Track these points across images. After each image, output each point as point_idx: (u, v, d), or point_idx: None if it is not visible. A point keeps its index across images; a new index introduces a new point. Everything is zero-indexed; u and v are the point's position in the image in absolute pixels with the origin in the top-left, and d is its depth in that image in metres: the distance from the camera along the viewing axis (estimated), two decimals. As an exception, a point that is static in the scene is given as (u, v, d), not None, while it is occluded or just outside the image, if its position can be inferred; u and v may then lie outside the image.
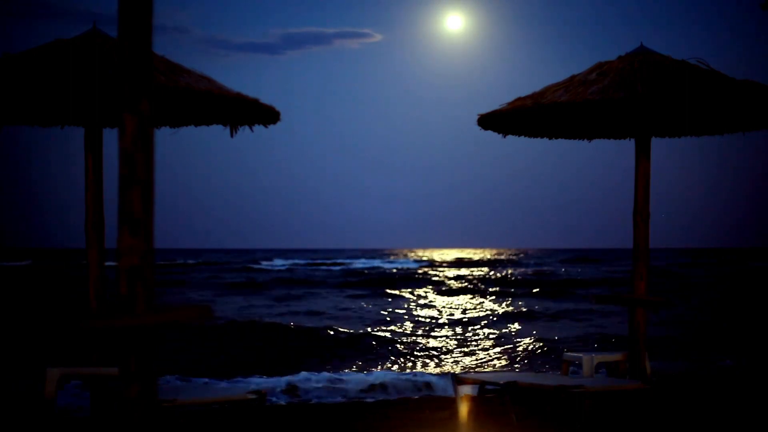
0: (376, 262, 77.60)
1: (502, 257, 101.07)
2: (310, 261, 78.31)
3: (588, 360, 7.49)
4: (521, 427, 7.21)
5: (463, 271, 59.92)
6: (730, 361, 14.46)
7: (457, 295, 35.34)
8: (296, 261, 77.55)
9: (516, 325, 22.39)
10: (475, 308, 28.10)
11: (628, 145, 8.07)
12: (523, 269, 63.63)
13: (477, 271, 59.55)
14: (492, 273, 56.68)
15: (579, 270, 61.17)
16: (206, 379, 11.64)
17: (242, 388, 6.61)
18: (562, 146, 8.46)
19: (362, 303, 29.84)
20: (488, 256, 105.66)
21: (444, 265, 76.01)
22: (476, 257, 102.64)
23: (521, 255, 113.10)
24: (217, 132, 7.42)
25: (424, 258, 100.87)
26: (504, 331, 21.21)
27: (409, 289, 38.41)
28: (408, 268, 65.48)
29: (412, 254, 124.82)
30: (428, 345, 18.43)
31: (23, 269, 52.12)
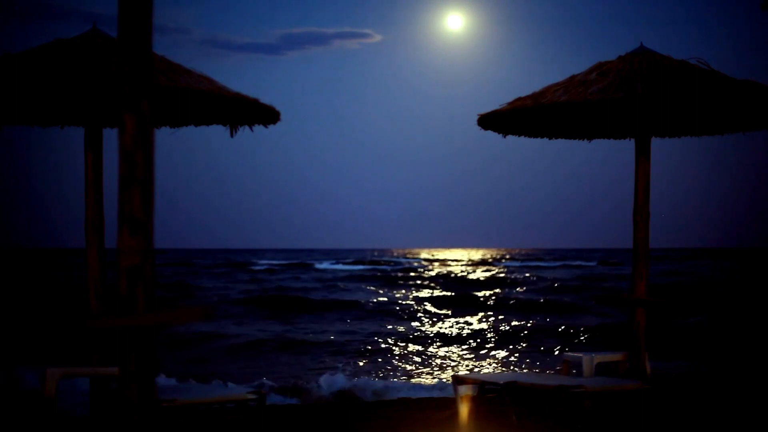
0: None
1: (502, 257, 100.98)
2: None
3: (588, 360, 7.48)
4: (521, 427, 7.21)
5: (463, 271, 59.87)
6: (731, 361, 14.45)
7: (457, 294, 35.31)
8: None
9: (516, 325, 22.37)
10: (474, 308, 28.08)
11: (628, 145, 8.06)
12: (522, 269, 63.59)
13: (476, 271, 59.52)
14: (492, 273, 56.65)
15: (580, 270, 61.14)
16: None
17: (242, 388, 6.60)
18: (563, 146, 8.46)
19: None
20: (487, 256, 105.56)
21: (445, 264, 75.94)
22: (476, 257, 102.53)
23: (522, 254, 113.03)
24: (217, 132, 7.42)
25: (428, 258, 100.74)
26: (504, 331, 21.20)
27: (409, 289, 38.39)
28: (409, 268, 65.44)
29: (410, 254, 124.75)
30: (428, 345, 18.42)
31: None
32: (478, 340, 19.40)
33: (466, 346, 18.35)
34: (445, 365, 15.78)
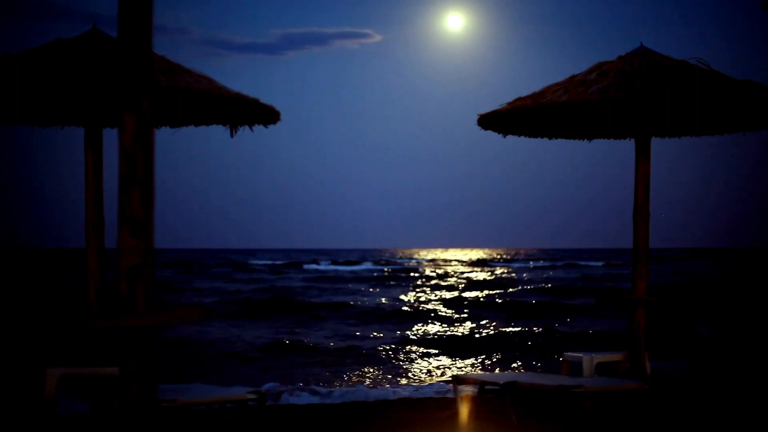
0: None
1: (502, 257, 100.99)
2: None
3: (588, 360, 7.49)
4: (521, 427, 7.21)
5: (463, 271, 59.88)
6: (731, 361, 14.45)
7: (457, 295, 35.31)
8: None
9: (516, 325, 22.37)
10: (474, 308, 28.07)
11: (628, 145, 8.07)
12: (523, 269, 63.61)
13: (476, 272, 59.52)
14: (491, 273, 56.66)
15: (583, 270, 61.13)
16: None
17: (242, 388, 6.60)
18: (563, 146, 8.47)
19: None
20: (488, 256, 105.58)
21: (442, 264, 75.96)
22: (476, 257, 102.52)
23: (523, 254, 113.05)
24: (217, 132, 7.42)
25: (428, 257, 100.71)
26: (504, 331, 21.20)
27: (408, 289, 38.41)
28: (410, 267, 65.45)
29: (416, 255, 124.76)
30: (428, 346, 18.42)
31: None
32: (478, 340, 19.40)
33: (466, 346, 18.34)
34: (445, 365, 15.78)
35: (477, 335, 20.46)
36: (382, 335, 20.23)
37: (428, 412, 8.93)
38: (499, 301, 31.28)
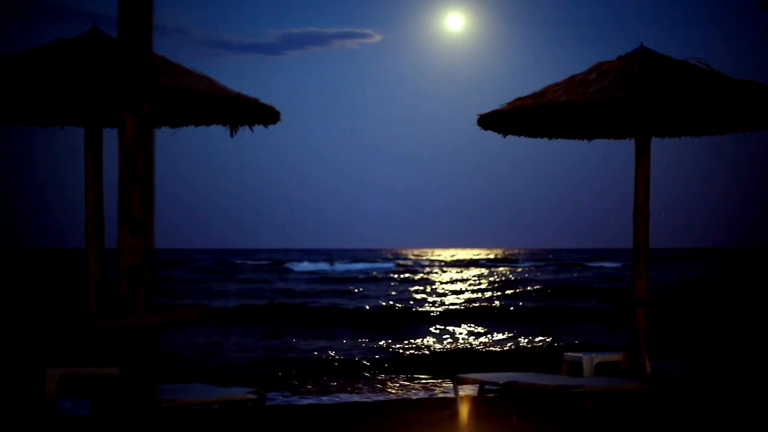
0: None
1: (501, 256, 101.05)
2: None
3: (588, 360, 7.49)
4: (521, 427, 7.21)
5: (462, 271, 59.90)
6: (731, 361, 14.44)
7: (456, 295, 35.34)
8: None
9: (516, 325, 22.38)
10: (475, 308, 28.08)
11: (628, 145, 8.07)
12: (522, 269, 63.64)
13: (476, 272, 59.54)
14: (491, 273, 56.70)
15: (580, 270, 61.15)
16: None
17: (242, 388, 6.60)
18: (564, 146, 8.47)
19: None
20: (488, 256, 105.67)
21: (443, 264, 75.99)
22: (475, 257, 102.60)
23: (524, 254, 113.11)
24: (218, 132, 7.43)
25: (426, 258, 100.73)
26: (504, 331, 21.21)
27: (408, 289, 38.43)
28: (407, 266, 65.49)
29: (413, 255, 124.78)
30: (428, 345, 18.43)
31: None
32: (479, 341, 19.41)
33: (466, 347, 18.35)
34: (445, 365, 15.77)
35: (477, 335, 20.48)
36: (381, 335, 20.23)
37: (428, 412, 8.93)
38: (499, 300, 31.30)
